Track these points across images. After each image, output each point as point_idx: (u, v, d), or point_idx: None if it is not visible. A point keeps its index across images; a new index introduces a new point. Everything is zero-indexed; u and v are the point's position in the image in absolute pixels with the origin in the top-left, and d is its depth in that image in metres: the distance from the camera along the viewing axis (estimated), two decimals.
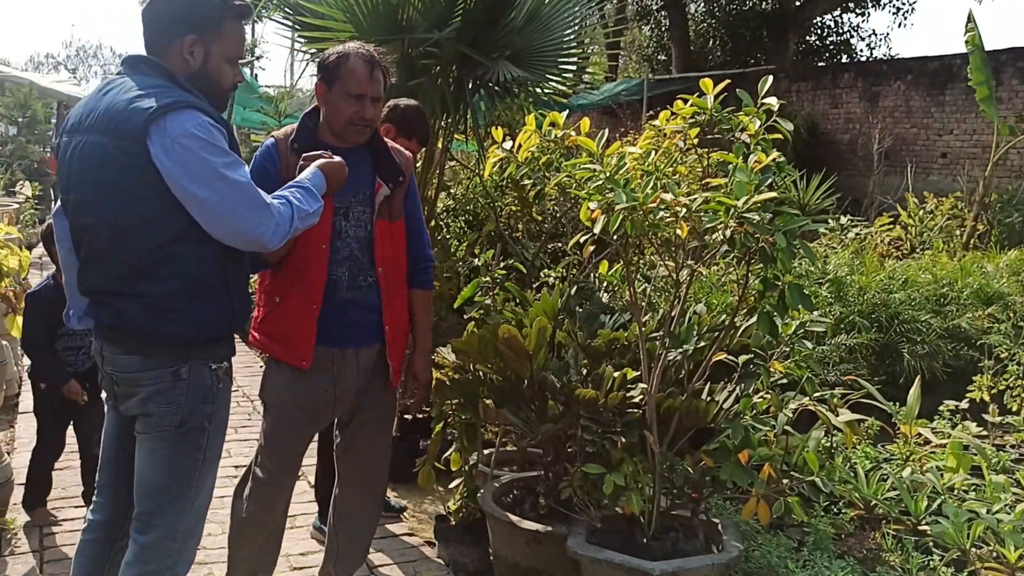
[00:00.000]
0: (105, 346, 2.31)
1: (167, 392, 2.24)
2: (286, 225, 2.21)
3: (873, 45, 21.88)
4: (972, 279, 5.84)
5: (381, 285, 2.76)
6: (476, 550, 3.41)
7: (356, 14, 4.59)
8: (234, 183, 2.13)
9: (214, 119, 2.18)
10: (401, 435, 4.50)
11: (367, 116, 2.68)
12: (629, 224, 2.51)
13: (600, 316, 3.41)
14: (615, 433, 2.89)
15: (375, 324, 2.78)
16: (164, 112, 2.09)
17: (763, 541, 3.15)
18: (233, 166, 2.15)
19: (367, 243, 2.74)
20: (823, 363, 4.64)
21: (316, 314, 2.68)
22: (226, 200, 2.12)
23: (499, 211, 5.10)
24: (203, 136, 2.11)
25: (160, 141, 2.09)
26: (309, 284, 2.67)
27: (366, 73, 2.65)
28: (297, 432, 2.82)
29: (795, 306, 2.49)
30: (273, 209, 2.18)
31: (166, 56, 2.24)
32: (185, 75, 2.24)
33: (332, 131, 2.73)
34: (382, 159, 2.80)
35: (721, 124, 2.63)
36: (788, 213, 2.40)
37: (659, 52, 22.22)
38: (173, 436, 2.26)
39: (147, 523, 2.29)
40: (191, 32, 2.23)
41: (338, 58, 2.66)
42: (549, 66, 5.11)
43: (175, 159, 2.09)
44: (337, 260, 2.69)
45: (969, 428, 3.98)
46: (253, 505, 2.82)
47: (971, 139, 13.06)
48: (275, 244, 2.21)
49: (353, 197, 2.71)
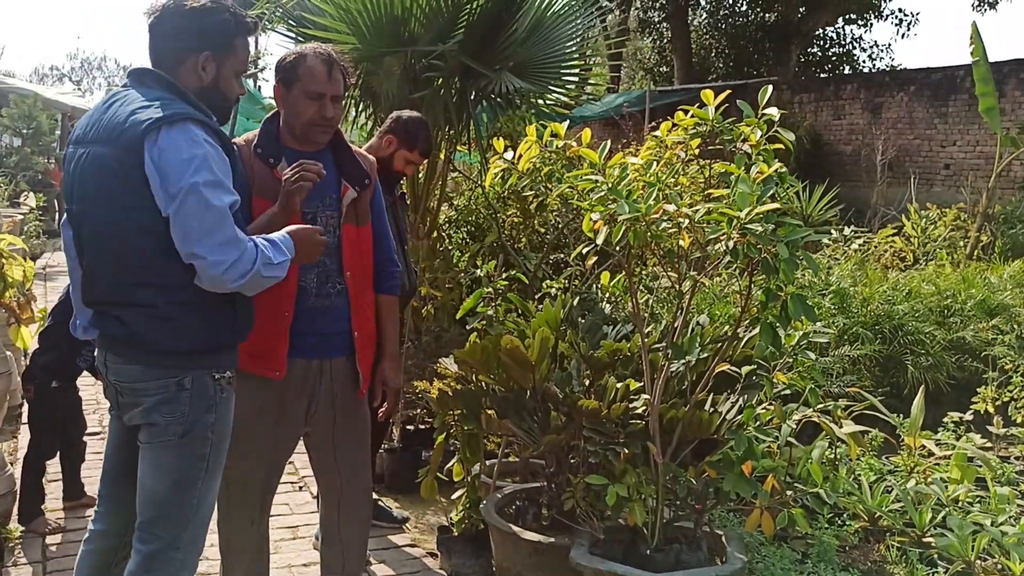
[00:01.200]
0: (109, 356, 2.31)
1: (171, 402, 2.25)
2: (247, 265, 2.15)
3: (876, 57, 21.93)
4: (976, 291, 5.84)
5: (350, 292, 2.74)
6: (479, 561, 3.40)
7: (359, 26, 4.60)
8: (206, 204, 2.10)
9: (214, 135, 2.19)
10: (404, 445, 4.50)
11: (328, 115, 2.65)
12: (632, 235, 2.51)
13: (603, 327, 3.41)
14: (618, 444, 2.88)
15: (344, 333, 2.75)
16: (161, 124, 2.11)
17: (767, 553, 3.14)
18: (214, 187, 2.12)
19: (335, 249, 2.71)
20: (827, 374, 4.63)
21: (288, 322, 2.65)
22: (190, 218, 2.11)
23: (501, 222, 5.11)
24: (193, 150, 2.11)
25: (151, 152, 2.11)
26: (279, 292, 2.60)
27: (324, 72, 2.63)
28: (264, 449, 2.74)
29: (798, 317, 2.48)
30: (240, 245, 2.14)
31: (178, 70, 2.26)
32: (196, 89, 2.26)
33: (293, 133, 2.71)
34: (346, 162, 2.77)
35: (723, 135, 2.63)
36: (790, 224, 2.40)
37: (661, 63, 22.29)
38: (176, 446, 2.26)
39: (150, 532, 2.29)
40: (206, 49, 2.25)
41: (296, 58, 2.65)
42: (551, 78, 5.14)
43: (160, 169, 2.10)
44: (306, 267, 2.65)
45: (973, 440, 3.96)
46: (226, 529, 2.79)
47: (974, 150, 13.06)
48: (231, 281, 2.15)
49: (320, 203, 2.69)
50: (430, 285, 4.91)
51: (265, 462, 2.77)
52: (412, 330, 4.84)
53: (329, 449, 2.87)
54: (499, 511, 3.24)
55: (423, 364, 4.68)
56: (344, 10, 4.58)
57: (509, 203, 5.26)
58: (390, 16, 4.62)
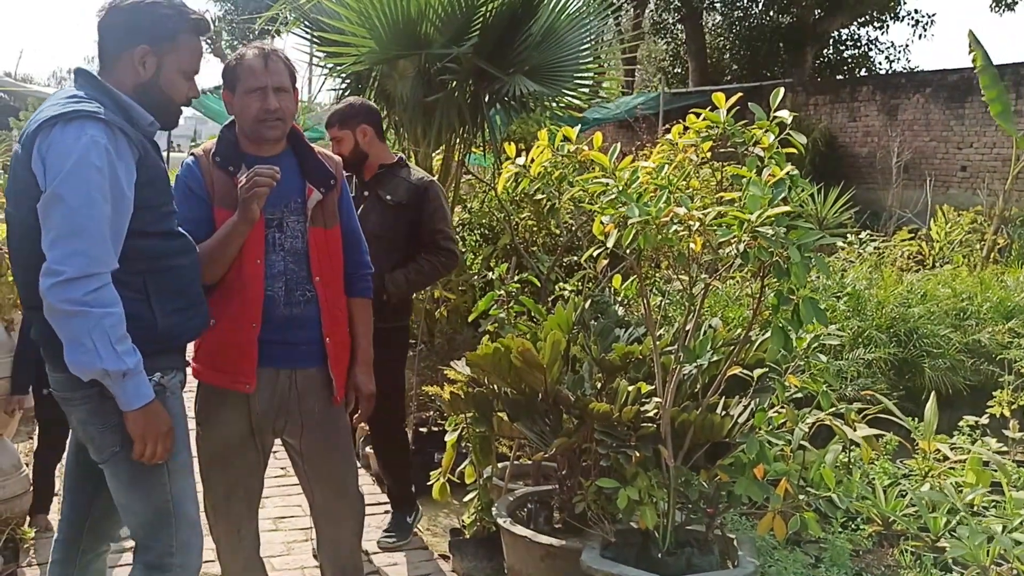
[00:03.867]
0: (47, 364, 2.22)
1: (97, 412, 2.15)
2: (77, 291, 1.95)
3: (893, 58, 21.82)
4: (992, 293, 5.80)
5: (319, 298, 2.66)
6: (490, 564, 3.40)
7: (376, 29, 4.62)
8: (64, 203, 1.97)
9: (122, 137, 2.09)
10: (416, 448, 4.51)
11: (271, 107, 2.56)
12: (642, 238, 2.51)
13: (615, 330, 3.41)
14: (629, 447, 2.88)
15: (314, 342, 2.67)
16: (56, 122, 2.04)
17: (779, 557, 3.13)
18: (87, 190, 1.99)
19: (302, 254, 2.64)
20: (840, 377, 4.60)
21: (256, 333, 2.58)
22: (47, 216, 2.00)
23: (515, 225, 5.12)
24: (77, 150, 2.00)
25: (40, 147, 2.03)
26: (246, 301, 2.57)
27: (260, 65, 2.56)
28: (243, 465, 2.71)
29: (809, 320, 2.47)
30: (83, 260, 1.96)
31: (117, 65, 2.20)
32: (134, 85, 2.19)
33: (247, 136, 2.64)
34: (310, 163, 2.70)
35: (734, 138, 2.63)
36: (802, 227, 2.39)
37: (675, 65, 22.24)
38: (124, 456, 2.16)
39: (143, 546, 2.26)
40: (144, 43, 2.18)
41: (235, 61, 2.62)
42: (565, 81, 5.13)
43: (45, 165, 2.02)
44: (272, 275, 2.60)
45: (989, 444, 3.93)
46: (215, 537, 2.77)
47: (991, 152, 12.97)
48: (49, 294, 1.97)
49: (285, 207, 2.63)
50: (443, 288, 4.92)
51: (242, 473, 2.71)
52: (424, 332, 4.85)
53: (299, 460, 2.81)
54: (511, 514, 3.24)
55: (435, 367, 4.69)
56: (359, 13, 4.60)
57: (522, 206, 5.26)
58: (405, 19, 4.63)
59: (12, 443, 3.96)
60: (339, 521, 2.87)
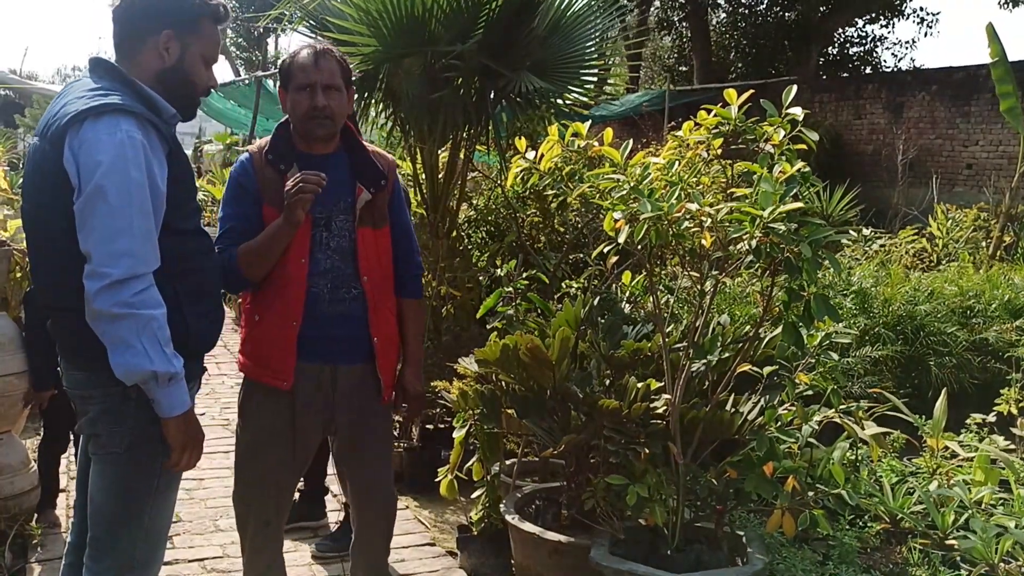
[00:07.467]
0: (62, 362, 2.19)
1: (114, 412, 2.09)
2: (125, 293, 1.92)
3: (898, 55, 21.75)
4: (999, 291, 5.78)
5: (367, 296, 2.66)
6: (498, 560, 3.40)
7: (380, 28, 4.61)
8: (105, 202, 1.92)
9: (152, 130, 2.03)
10: (423, 445, 4.51)
11: (318, 104, 2.57)
12: (654, 234, 2.50)
13: (623, 327, 3.40)
14: (638, 444, 2.87)
15: (361, 339, 2.67)
16: (86, 116, 1.97)
17: (788, 554, 3.13)
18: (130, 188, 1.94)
19: (350, 253, 2.65)
20: (848, 375, 4.60)
21: (296, 331, 2.59)
22: (88, 216, 1.93)
23: (521, 222, 5.11)
24: (113, 146, 1.95)
25: (72, 144, 1.96)
26: (288, 299, 2.58)
27: (311, 62, 2.59)
28: (275, 458, 2.69)
29: (821, 317, 2.47)
30: (129, 260, 1.92)
31: (139, 53, 2.14)
32: (157, 72, 2.14)
33: (299, 134, 2.67)
34: (361, 163, 2.71)
35: (745, 134, 2.62)
36: (813, 223, 2.39)
37: (680, 63, 22.21)
38: (123, 459, 2.11)
39: (99, 550, 2.15)
40: (167, 27, 2.13)
41: (289, 60, 2.64)
42: (571, 77, 5.12)
43: (78, 162, 1.95)
44: (317, 272, 2.61)
45: (997, 441, 3.93)
46: (243, 530, 2.76)
47: (997, 150, 12.94)
48: (97, 299, 1.92)
49: (334, 206, 2.64)
50: (450, 285, 4.92)
51: (272, 466, 2.70)
52: (432, 329, 4.85)
53: (338, 459, 2.84)
54: (519, 511, 3.24)
55: (443, 363, 4.69)
56: (364, 11, 4.59)
57: (529, 203, 5.26)
58: (410, 16, 4.62)
59: (20, 440, 3.96)
60: (369, 522, 2.87)
